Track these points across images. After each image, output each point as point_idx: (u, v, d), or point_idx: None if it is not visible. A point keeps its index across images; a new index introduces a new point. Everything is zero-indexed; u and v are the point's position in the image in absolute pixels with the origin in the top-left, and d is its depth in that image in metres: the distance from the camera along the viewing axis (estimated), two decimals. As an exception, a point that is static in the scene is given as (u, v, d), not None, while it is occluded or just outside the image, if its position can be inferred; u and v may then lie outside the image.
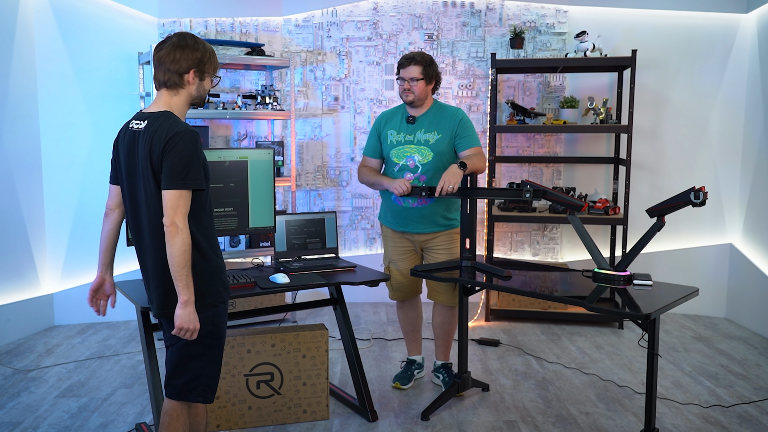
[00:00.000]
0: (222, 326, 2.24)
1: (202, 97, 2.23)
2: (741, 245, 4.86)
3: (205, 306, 2.17)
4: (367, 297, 5.09)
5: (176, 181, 2.04)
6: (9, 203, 4.22)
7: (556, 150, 5.12)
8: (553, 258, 5.16)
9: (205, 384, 2.23)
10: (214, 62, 2.23)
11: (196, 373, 2.21)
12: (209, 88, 2.25)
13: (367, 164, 3.46)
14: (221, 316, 2.23)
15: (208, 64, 2.21)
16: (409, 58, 3.26)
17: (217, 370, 2.27)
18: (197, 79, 2.19)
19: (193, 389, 2.22)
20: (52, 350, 4.11)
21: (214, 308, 2.20)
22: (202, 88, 2.21)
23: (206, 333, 2.18)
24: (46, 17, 4.43)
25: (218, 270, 2.22)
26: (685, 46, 4.93)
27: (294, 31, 5.10)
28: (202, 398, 2.24)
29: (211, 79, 2.24)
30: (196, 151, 2.08)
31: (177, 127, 2.08)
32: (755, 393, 3.52)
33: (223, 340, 2.26)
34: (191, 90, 2.20)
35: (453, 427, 3.08)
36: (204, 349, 2.20)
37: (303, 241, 3.26)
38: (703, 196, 2.57)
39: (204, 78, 2.21)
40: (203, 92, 2.23)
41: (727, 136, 4.94)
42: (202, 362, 2.21)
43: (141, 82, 4.58)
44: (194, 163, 2.06)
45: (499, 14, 5.05)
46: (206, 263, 2.17)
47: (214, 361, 2.24)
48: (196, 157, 2.07)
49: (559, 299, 2.87)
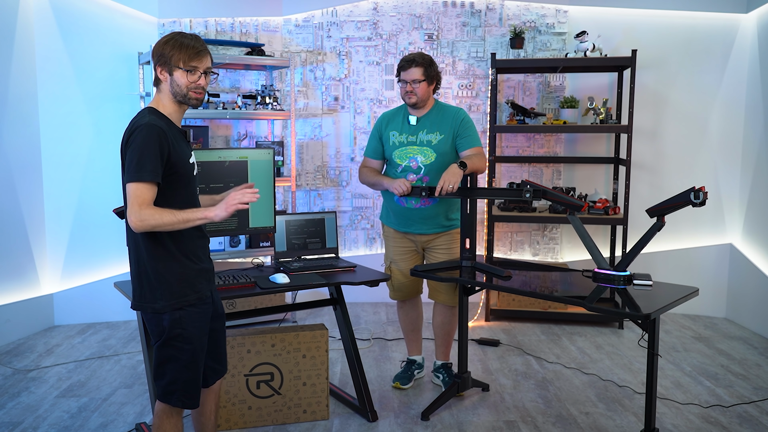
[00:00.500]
0: (192, 330, 2.17)
1: (181, 93, 2.14)
2: (741, 245, 4.86)
3: (169, 308, 2.13)
4: (367, 297, 5.09)
5: (132, 173, 2.01)
6: (9, 203, 4.22)
7: (556, 150, 5.12)
8: (553, 258, 5.16)
9: (182, 389, 2.19)
10: (183, 56, 2.11)
11: (173, 377, 2.17)
12: (188, 83, 2.13)
13: (368, 165, 3.46)
14: (190, 320, 2.16)
15: (175, 58, 2.11)
16: (410, 60, 3.25)
17: (194, 375, 2.20)
18: (167, 74, 2.14)
19: (173, 393, 2.19)
20: (52, 350, 4.11)
21: (180, 311, 2.15)
22: (175, 83, 2.13)
23: (174, 336, 2.15)
24: (46, 17, 4.44)
25: (188, 273, 2.16)
26: (685, 46, 4.93)
27: (294, 31, 5.10)
28: (182, 403, 2.20)
29: (186, 72, 2.12)
30: (154, 144, 2.02)
31: (139, 122, 2.07)
32: (755, 393, 3.52)
33: (195, 345, 2.18)
34: (166, 87, 2.15)
35: (453, 427, 3.08)
36: (176, 353, 2.16)
37: (303, 241, 3.26)
38: (703, 196, 2.57)
39: (173, 72, 2.12)
40: (179, 88, 2.13)
41: (727, 136, 4.94)
42: (178, 366, 2.17)
43: (141, 82, 4.58)
44: (149, 155, 2.01)
45: (499, 14, 5.05)
46: (172, 265, 2.13)
47: (189, 367, 2.18)
48: (153, 150, 2.02)
49: (559, 299, 2.86)
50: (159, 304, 2.13)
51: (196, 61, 2.14)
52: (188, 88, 2.14)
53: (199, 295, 2.19)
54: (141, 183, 2.01)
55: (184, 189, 2.17)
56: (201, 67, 2.15)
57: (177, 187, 2.13)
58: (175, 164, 2.10)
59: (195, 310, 2.18)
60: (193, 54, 2.13)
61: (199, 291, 2.20)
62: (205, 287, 2.23)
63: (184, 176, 2.14)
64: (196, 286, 2.19)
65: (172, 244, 2.13)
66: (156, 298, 2.13)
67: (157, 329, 2.17)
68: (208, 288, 2.25)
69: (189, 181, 2.18)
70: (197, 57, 2.14)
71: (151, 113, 2.12)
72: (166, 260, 2.13)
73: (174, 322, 2.14)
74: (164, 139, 2.05)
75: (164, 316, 2.14)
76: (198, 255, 2.21)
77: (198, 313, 2.20)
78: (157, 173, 2.02)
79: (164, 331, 2.15)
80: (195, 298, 2.18)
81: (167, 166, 2.08)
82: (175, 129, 2.18)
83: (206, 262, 2.26)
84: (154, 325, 2.17)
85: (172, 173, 2.11)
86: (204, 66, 2.16)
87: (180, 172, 2.13)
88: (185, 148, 2.20)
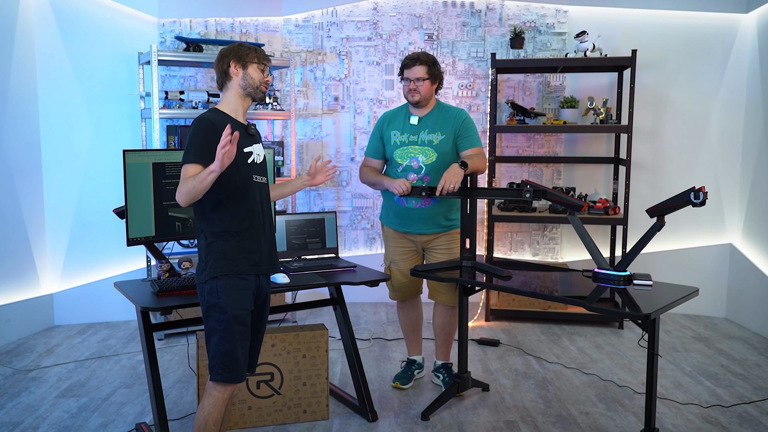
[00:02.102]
0: (226, 299, 2.29)
1: (253, 84, 2.39)
2: (741, 245, 4.86)
3: (207, 277, 2.31)
4: (367, 297, 5.09)
5: (182, 159, 2.28)
6: (9, 203, 4.22)
7: (556, 150, 5.12)
8: (553, 258, 5.16)
9: (220, 361, 2.31)
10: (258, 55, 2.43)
11: (213, 350, 2.32)
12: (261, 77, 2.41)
13: (369, 164, 3.46)
14: (225, 289, 2.29)
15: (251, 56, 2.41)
16: (414, 59, 3.26)
17: (230, 347, 2.30)
18: (240, 69, 2.39)
19: (214, 366, 2.32)
20: (52, 350, 4.11)
21: (214, 280, 2.30)
22: (249, 76, 2.39)
23: (211, 305, 2.31)
24: (46, 17, 4.43)
25: (228, 249, 2.31)
26: (685, 46, 4.93)
27: (294, 31, 5.10)
28: (220, 376, 2.31)
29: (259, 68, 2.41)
30: (200, 132, 2.26)
31: (196, 117, 2.34)
32: (755, 393, 3.52)
33: (230, 314, 2.29)
34: (236, 82, 2.40)
35: (453, 427, 3.08)
36: (216, 324, 2.30)
37: (303, 241, 3.26)
38: (703, 196, 2.58)
39: (248, 66, 2.39)
40: (252, 80, 2.39)
41: (727, 136, 4.94)
42: (217, 338, 2.31)
43: (141, 82, 4.58)
44: (194, 143, 2.25)
45: (499, 14, 5.05)
46: (217, 242, 2.31)
47: (226, 338, 2.29)
48: (198, 139, 2.25)
49: (559, 299, 2.87)
50: (202, 275, 2.33)
51: (266, 61, 2.46)
52: (261, 81, 2.42)
53: (235, 269, 2.32)
54: (185, 165, 2.25)
55: (235, 174, 2.31)
56: (268, 66, 2.48)
57: (230, 171, 2.26)
58: None
59: (230, 281, 2.30)
60: (263, 56, 2.46)
61: (237, 266, 2.32)
62: (245, 266, 2.35)
63: (235, 162, 2.27)
64: (234, 261, 2.32)
65: (220, 223, 2.32)
66: (201, 270, 2.34)
67: (201, 299, 2.35)
68: (249, 269, 2.36)
69: (239, 167, 2.32)
70: (266, 59, 2.47)
71: (210, 111, 2.37)
72: (210, 237, 2.33)
73: (211, 290, 2.30)
74: (211, 128, 2.27)
75: (205, 285, 2.32)
76: (242, 235, 2.34)
77: (233, 284, 2.31)
78: (199, 155, 2.24)
79: (205, 300, 2.32)
80: (230, 270, 2.31)
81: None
82: (235, 122, 2.37)
83: (252, 243, 2.37)
84: (200, 295, 2.35)
85: None
86: (268, 67, 2.49)
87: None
88: (242, 138, 2.37)
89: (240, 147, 2.35)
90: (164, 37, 4.81)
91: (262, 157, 2.47)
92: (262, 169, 2.46)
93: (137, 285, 2.82)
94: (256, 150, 2.44)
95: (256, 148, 2.44)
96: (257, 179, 2.42)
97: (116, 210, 2.93)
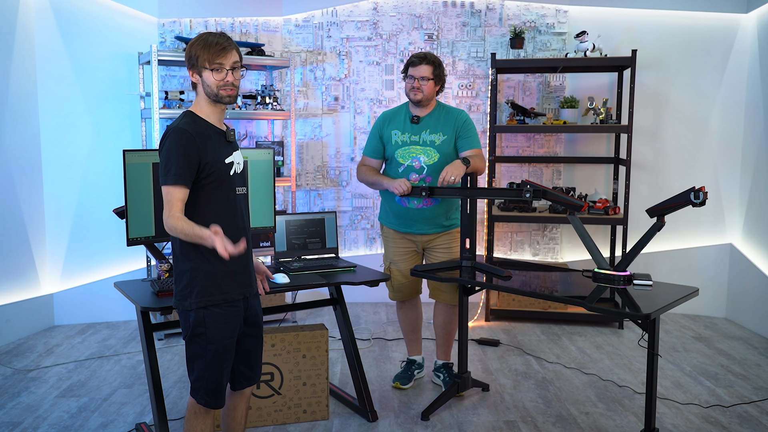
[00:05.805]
0: (214, 330, 2.18)
1: (212, 92, 2.16)
2: (741, 245, 4.86)
3: (193, 306, 2.17)
4: (367, 297, 5.09)
5: (161, 177, 2.11)
6: (9, 203, 4.22)
7: (556, 150, 5.12)
8: (553, 258, 5.16)
9: (206, 387, 2.23)
10: (208, 55, 2.13)
11: (199, 374, 2.23)
12: (216, 82, 2.15)
13: (367, 164, 3.46)
14: (213, 320, 2.18)
15: (201, 59, 2.14)
16: (421, 57, 3.27)
17: (217, 376, 2.22)
18: (197, 76, 2.18)
19: (198, 389, 2.24)
20: (52, 350, 4.11)
21: (203, 309, 2.17)
22: (205, 83, 2.16)
23: (198, 334, 2.19)
24: (46, 17, 4.43)
25: (216, 274, 2.18)
26: (685, 46, 4.93)
27: (294, 31, 5.10)
28: (204, 401, 2.24)
29: (212, 72, 2.14)
30: (180, 148, 2.08)
31: (170, 127, 2.13)
32: (755, 393, 3.52)
33: (218, 346, 2.19)
34: (200, 89, 2.19)
35: (453, 427, 3.08)
36: (201, 351, 2.20)
37: (303, 241, 3.26)
38: (703, 196, 2.58)
39: (202, 73, 2.15)
40: (209, 88, 2.16)
41: (727, 136, 4.94)
42: (202, 364, 2.21)
43: (141, 82, 4.58)
44: (175, 160, 2.07)
45: (499, 14, 5.05)
46: (201, 265, 2.17)
47: (212, 366, 2.20)
48: (179, 154, 2.08)
49: (559, 299, 2.87)
50: (187, 301, 2.18)
51: (221, 58, 2.14)
52: (218, 86, 2.15)
53: (224, 297, 2.20)
54: (168, 186, 2.09)
55: (218, 189, 2.18)
56: (227, 63, 2.15)
57: (213, 186, 2.16)
58: (207, 165, 2.13)
59: (219, 311, 2.19)
60: (217, 51, 2.13)
61: (225, 292, 2.20)
62: (235, 290, 2.23)
63: (218, 176, 2.16)
64: (222, 287, 2.19)
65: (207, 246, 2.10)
66: (185, 295, 2.19)
67: (184, 325, 2.22)
68: (238, 292, 2.24)
69: (222, 180, 2.18)
70: (221, 54, 2.14)
71: (185, 116, 2.17)
72: (197, 260, 2.17)
73: (198, 320, 2.18)
74: (191, 142, 2.09)
75: (190, 313, 2.19)
76: (231, 257, 2.11)
77: (222, 314, 2.20)
78: (182, 176, 2.08)
79: (189, 328, 2.20)
80: (220, 299, 2.19)
81: (200, 168, 2.12)
82: (212, 130, 2.20)
83: (240, 265, 2.24)
84: (183, 320, 2.23)
85: (208, 174, 2.14)
86: (230, 62, 2.16)
87: (215, 171, 2.16)
88: (222, 148, 2.21)
89: (221, 158, 2.18)
90: (164, 37, 4.81)
91: (242, 165, 2.29)
92: (242, 179, 2.30)
93: (137, 285, 2.82)
94: (236, 158, 2.25)
95: (236, 156, 2.25)
96: (239, 191, 2.28)
97: (116, 210, 2.92)
